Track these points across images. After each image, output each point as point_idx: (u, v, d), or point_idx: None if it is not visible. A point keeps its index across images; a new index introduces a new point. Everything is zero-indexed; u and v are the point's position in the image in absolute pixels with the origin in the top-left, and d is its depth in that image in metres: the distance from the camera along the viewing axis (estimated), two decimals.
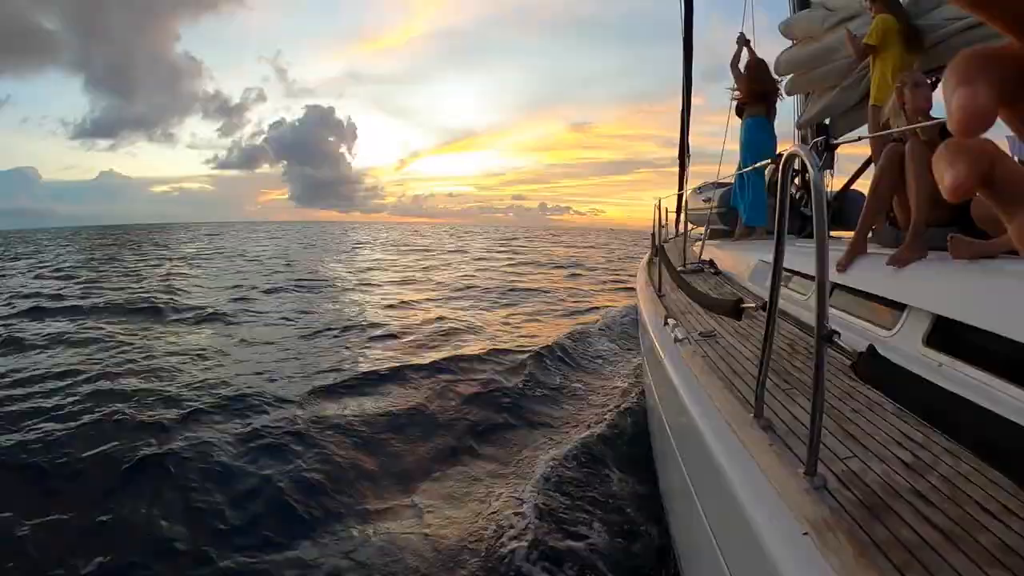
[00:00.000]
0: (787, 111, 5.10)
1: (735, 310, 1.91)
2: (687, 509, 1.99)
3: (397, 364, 6.21)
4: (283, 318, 9.21)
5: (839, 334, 1.22)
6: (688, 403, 1.88)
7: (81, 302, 10.20)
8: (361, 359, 6.60)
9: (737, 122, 5.00)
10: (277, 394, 5.15)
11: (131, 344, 7.14)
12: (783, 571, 1.08)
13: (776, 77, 4.89)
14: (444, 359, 6.41)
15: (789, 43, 4.91)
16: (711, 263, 4.35)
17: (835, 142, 2.12)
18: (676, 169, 6.38)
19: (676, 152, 6.42)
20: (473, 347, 7.10)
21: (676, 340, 2.41)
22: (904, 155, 2.35)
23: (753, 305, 1.75)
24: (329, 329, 8.22)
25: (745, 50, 5.05)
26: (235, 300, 10.86)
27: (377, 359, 6.55)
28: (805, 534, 1.11)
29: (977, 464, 1.32)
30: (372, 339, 7.70)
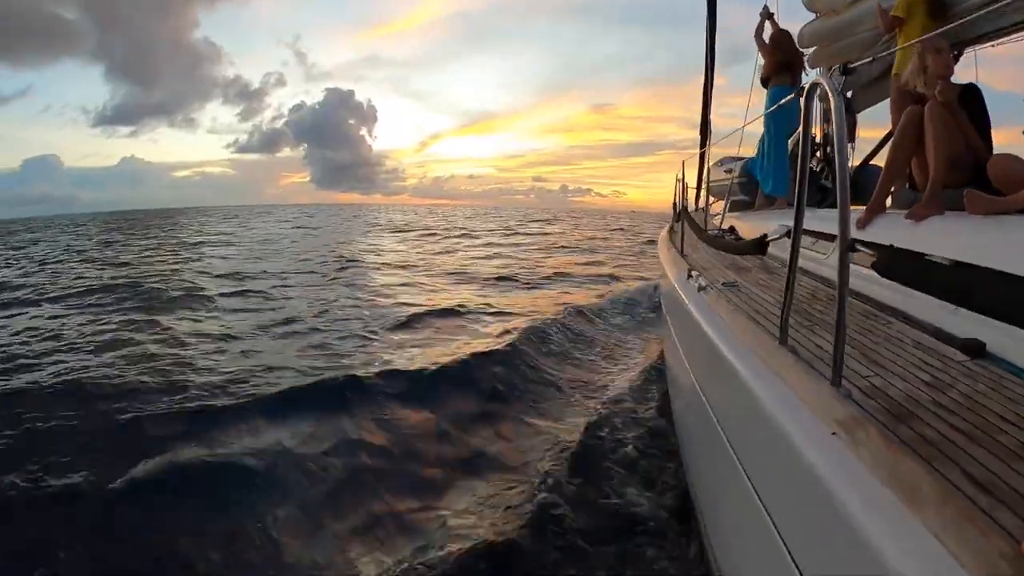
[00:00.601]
0: None
1: (760, 245, 2.03)
2: (710, 443, 2.10)
3: (311, 382, 5.00)
4: (218, 309, 8.46)
5: (859, 241, 1.36)
6: (713, 336, 2.00)
7: (20, 293, 9.94)
8: (279, 373, 5.37)
9: (757, 101, 5.12)
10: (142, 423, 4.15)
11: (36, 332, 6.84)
12: (815, 469, 1.14)
13: (800, 49, 4.99)
14: (391, 372, 5.33)
15: (812, 16, 5.01)
16: (732, 230, 4.49)
17: (852, 65, 2.26)
18: (698, 151, 6.52)
19: (698, 134, 6.55)
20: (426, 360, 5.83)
21: (700, 288, 2.54)
22: (923, 117, 2.49)
23: (777, 236, 1.89)
24: (260, 332, 7.05)
25: (768, 22, 5.16)
26: (186, 291, 9.99)
27: (288, 374, 5.33)
28: (834, 434, 1.18)
29: (995, 384, 1.40)
30: (302, 345, 6.55)
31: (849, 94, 4.50)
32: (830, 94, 1.41)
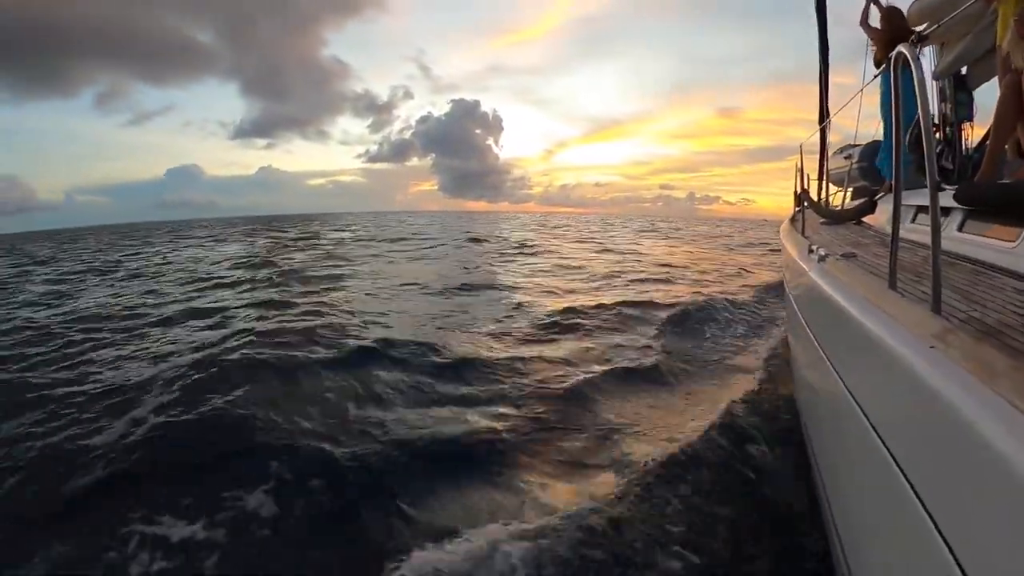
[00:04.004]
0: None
1: (870, 205, 2.34)
2: (821, 375, 2.37)
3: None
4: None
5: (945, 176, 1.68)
6: (828, 288, 2.29)
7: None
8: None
9: (871, 88, 5.30)
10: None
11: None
12: (914, 374, 1.27)
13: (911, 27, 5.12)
14: None
15: None
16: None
17: (924, 33, 2.49)
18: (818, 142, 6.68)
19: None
20: None
21: (820, 259, 2.85)
22: (1020, 85, 2.77)
23: (882, 194, 2.21)
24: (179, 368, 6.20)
25: (874, 6, 5.34)
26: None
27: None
28: (932, 347, 1.31)
29: None
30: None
31: (964, 70, 4.67)
32: (911, 62, 1.57)
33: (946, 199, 3.06)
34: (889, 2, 5.29)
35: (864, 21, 5.34)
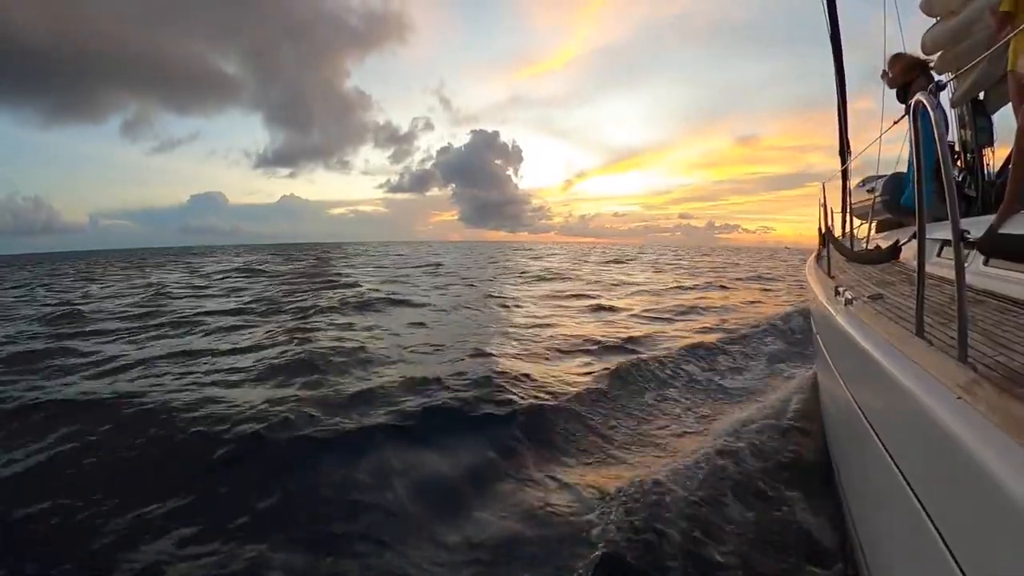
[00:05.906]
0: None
1: (894, 250, 2.35)
2: (850, 422, 2.37)
3: None
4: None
5: (970, 232, 1.68)
6: (856, 336, 2.29)
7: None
8: None
9: (890, 115, 5.30)
10: None
11: None
12: (942, 426, 1.31)
13: (924, 57, 5.14)
14: None
15: (932, 21, 5.22)
16: (878, 249, 4.67)
17: (944, 82, 2.44)
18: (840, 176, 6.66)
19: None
20: None
21: (847, 303, 2.81)
22: None
23: (907, 239, 2.22)
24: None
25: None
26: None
27: None
28: (959, 398, 1.34)
29: None
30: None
31: (981, 95, 4.66)
32: (930, 110, 1.63)
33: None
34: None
35: (885, 76, 5.36)
